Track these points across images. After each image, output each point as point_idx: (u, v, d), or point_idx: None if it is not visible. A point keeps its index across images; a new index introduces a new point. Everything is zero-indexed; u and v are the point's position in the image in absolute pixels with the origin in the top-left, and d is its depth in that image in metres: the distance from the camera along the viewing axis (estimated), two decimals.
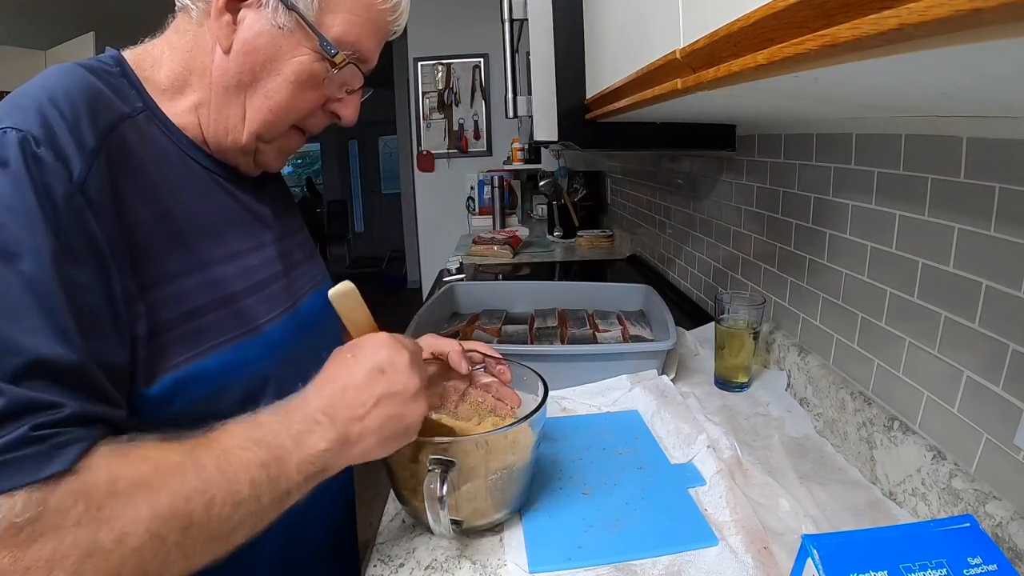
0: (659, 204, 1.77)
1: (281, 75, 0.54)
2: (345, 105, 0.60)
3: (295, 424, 0.46)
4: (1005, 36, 0.20)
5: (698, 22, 0.43)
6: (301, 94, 0.55)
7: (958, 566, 0.39)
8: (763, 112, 0.80)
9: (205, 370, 0.50)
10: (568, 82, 1.01)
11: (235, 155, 0.58)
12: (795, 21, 0.29)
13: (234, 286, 0.54)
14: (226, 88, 0.54)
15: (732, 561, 0.56)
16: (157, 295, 0.47)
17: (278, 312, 0.59)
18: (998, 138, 0.54)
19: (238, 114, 0.55)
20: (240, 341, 0.53)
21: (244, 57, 0.53)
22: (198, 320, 0.50)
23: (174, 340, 0.48)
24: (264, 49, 0.53)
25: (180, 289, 0.49)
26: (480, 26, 3.64)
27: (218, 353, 0.51)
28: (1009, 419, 0.53)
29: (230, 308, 0.53)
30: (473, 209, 3.60)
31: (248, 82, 0.54)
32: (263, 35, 0.52)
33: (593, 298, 1.27)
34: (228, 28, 0.52)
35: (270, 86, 0.54)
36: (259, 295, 0.57)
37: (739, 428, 0.82)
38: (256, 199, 0.63)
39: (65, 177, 0.41)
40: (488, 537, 0.61)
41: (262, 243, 0.61)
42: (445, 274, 1.89)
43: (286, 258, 0.64)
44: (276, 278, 0.61)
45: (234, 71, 0.53)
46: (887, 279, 0.71)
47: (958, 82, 0.37)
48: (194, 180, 0.55)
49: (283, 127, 0.57)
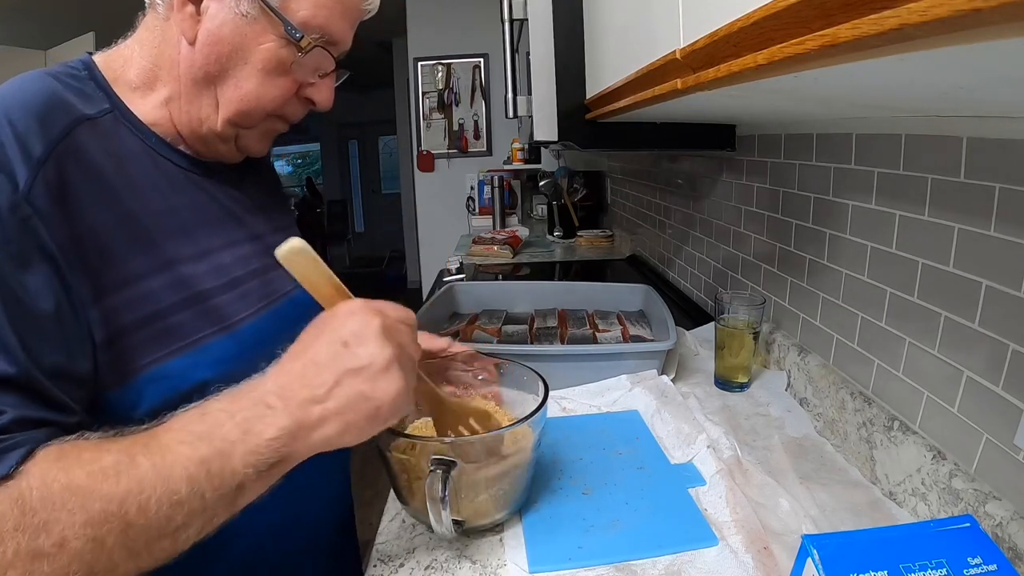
0: (659, 204, 1.77)
1: (248, 64, 0.53)
2: (319, 90, 0.58)
3: (243, 409, 0.42)
4: (1005, 36, 0.20)
5: (698, 22, 0.43)
6: (270, 82, 0.55)
7: (958, 566, 0.39)
8: (763, 112, 0.80)
9: (175, 370, 0.49)
10: (568, 82, 1.01)
11: (214, 143, 0.57)
12: (795, 21, 0.29)
13: (204, 284, 0.54)
14: (195, 80, 0.53)
15: (732, 561, 0.56)
16: (119, 298, 0.47)
17: (255, 309, 0.58)
18: (998, 138, 0.54)
19: (210, 104, 0.54)
20: (212, 339, 0.53)
21: (210, 48, 0.52)
22: (165, 320, 0.50)
23: (141, 342, 0.48)
24: (229, 38, 0.52)
25: (145, 290, 0.49)
26: (480, 26, 3.64)
27: (189, 353, 0.50)
28: (1009, 419, 0.53)
29: (200, 307, 0.53)
30: (473, 209, 3.60)
31: (216, 73, 0.53)
32: (227, 24, 0.52)
33: (593, 298, 1.27)
34: (192, 19, 0.52)
35: (239, 75, 0.54)
36: (233, 292, 0.56)
37: (739, 428, 0.82)
38: (235, 195, 0.62)
39: (10, 189, 0.42)
40: (488, 537, 0.61)
41: (236, 240, 0.60)
42: (445, 274, 1.89)
43: (268, 255, 0.62)
44: (253, 275, 0.60)
45: (201, 63, 0.52)
46: (887, 279, 0.71)
47: (958, 82, 0.37)
48: (164, 179, 0.54)
49: (258, 116, 0.57)
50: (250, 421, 0.41)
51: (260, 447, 0.41)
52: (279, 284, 0.63)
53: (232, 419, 0.41)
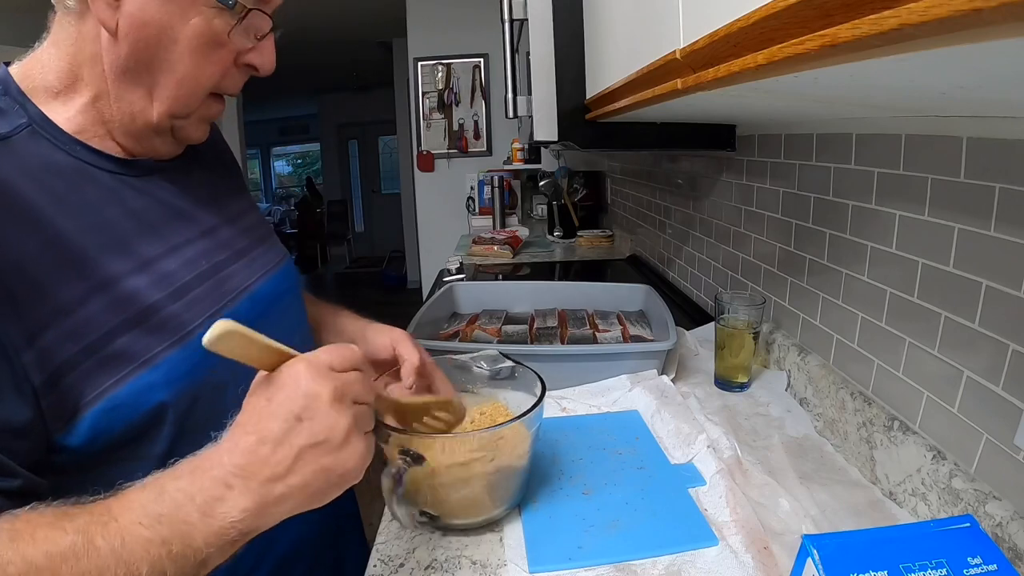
0: (659, 204, 1.77)
1: (179, 43, 0.49)
2: (259, 53, 0.54)
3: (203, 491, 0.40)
4: (1005, 36, 0.20)
5: (698, 22, 0.43)
6: (207, 57, 0.50)
7: (958, 566, 0.39)
8: (763, 112, 0.80)
9: (126, 397, 0.46)
10: (568, 82, 1.01)
11: (149, 138, 0.53)
12: (795, 21, 0.29)
13: (149, 297, 0.49)
14: (122, 72, 0.49)
15: (732, 561, 0.56)
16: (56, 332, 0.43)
17: (208, 315, 0.53)
18: (998, 138, 0.54)
19: (143, 96, 0.50)
20: (162, 357, 0.48)
21: (134, 34, 0.47)
22: (109, 345, 0.46)
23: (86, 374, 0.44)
24: (155, 21, 0.47)
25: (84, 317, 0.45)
26: (480, 26, 3.64)
27: (139, 376, 0.47)
28: (1009, 419, 0.53)
29: (146, 324, 0.48)
30: (473, 209, 3.59)
31: (146, 60, 0.49)
32: (149, 5, 0.47)
33: (593, 298, 1.27)
34: (110, 8, 0.47)
35: (170, 58, 0.49)
36: (182, 301, 0.52)
37: (739, 428, 0.82)
38: (179, 191, 0.57)
39: None
40: (488, 537, 0.62)
41: (182, 242, 0.55)
42: (445, 274, 1.88)
43: (222, 249, 0.58)
44: (202, 278, 0.55)
45: (127, 53, 0.48)
46: (887, 279, 0.71)
47: (958, 82, 0.37)
48: (95, 190, 0.50)
49: (199, 98, 0.53)
50: (210, 504, 0.39)
51: (224, 528, 0.39)
52: (234, 282, 0.58)
53: (192, 501, 0.39)
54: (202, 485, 0.40)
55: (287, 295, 0.66)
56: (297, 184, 8.38)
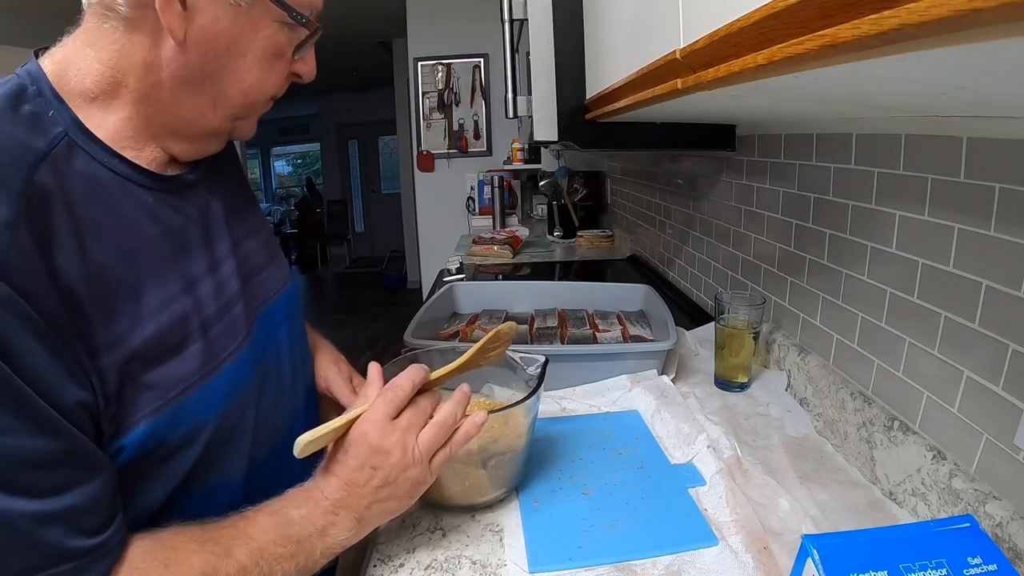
0: (659, 204, 1.77)
1: (248, 55, 0.50)
2: (304, 62, 0.56)
3: (319, 520, 0.52)
4: (1005, 36, 0.20)
5: (698, 22, 0.43)
6: (271, 68, 0.53)
7: (958, 566, 0.39)
8: (763, 112, 0.80)
9: (169, 419, 0.48)
10: (568, 82, 1.01)
11: (205, 140, 0.54)
12: (795, 21, 0.29)
13: (191, 324, 0.51)
14: (186, 81, 0.49)
15: (732, 561, 0.56)
16: (109, 361, 0.44)
17: (239, 340, 0.55)
18: (998, 138, 0.54)
19: (206, 103, 0.51)
20: (205, 383, 0.51)
21: (205, 45, 0.48)
22: (148, 374, 0.47)
23: (130, 399, 0.46)
24: (227, 32, 0.48)
25: (128, 349, 0.45)
26: (480, 26, 3.64)
27: (186, 399, 0.49)
28: (1009, 419, 0.53)
29: (186, 352, 0.50)
30: (473, 209, 3.59)
31: (213, 70, 0.50)
32: (222, 18, 0.48)
33: (593, 298, 1.27)
34: (180, 17, 0.46)
35: (240, 69, 0.50)
36: (220, 324, 0.54)
37: (739, 428, 0.82)
38: (208, 206, 0.57)
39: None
40: (488, 537, 0.62)
41: (214, 262, 0.56)
42: (445, 274, 1.88)
43: (245, 264, 0.60)
44: (231, 303, 0.56)
45: (195, 62, 0.48)
46: (887, 279, 0.71)
47: (958, 82, 0.37)
48: (135, 209, 0.49)
49: (262, 106, 0.55)
50: (327, 528, 0.52)
51: (336, 544, 0.53)
52: (261, 292, 0.62)
53: (313, 525, 0.51)
54: (316, 515, 0.52)
55: (294, 315, 0.70)
56: (297, 184, 8.38)
